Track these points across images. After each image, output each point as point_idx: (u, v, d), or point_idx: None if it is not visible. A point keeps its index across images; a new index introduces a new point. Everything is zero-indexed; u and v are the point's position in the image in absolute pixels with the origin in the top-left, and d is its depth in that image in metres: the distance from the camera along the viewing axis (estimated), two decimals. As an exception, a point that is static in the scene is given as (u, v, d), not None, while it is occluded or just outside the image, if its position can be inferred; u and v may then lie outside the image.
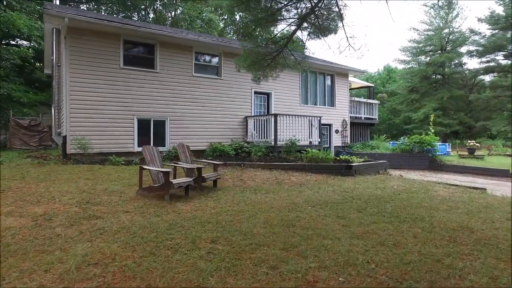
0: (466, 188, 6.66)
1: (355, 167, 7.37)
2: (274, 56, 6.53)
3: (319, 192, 5.74)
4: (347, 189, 6.04)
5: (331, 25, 6.33)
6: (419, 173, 11.69)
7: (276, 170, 7.67)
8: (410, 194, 5.69)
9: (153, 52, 9.60)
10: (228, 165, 8.17)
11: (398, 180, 7.15)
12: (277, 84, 12.02)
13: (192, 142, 10.10)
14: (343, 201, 5.17)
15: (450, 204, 5.01)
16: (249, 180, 6.78)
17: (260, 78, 7.43)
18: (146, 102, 9.39)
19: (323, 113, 13.43)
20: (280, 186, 6.25)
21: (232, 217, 4.22)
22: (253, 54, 6.30)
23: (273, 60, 6.70)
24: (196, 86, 10.26)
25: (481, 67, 29.89)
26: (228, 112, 10.85)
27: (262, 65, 6.80)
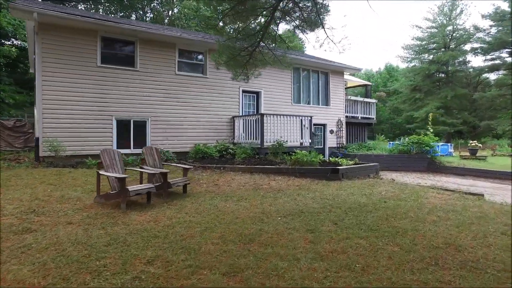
0: (461, 194, 6.08)
1: (342, 171, 6.83)
2: (251, 52, 6.03)
3: (296, 200, 5.22)
4: (329, 195, 5.51)
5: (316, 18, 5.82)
6: (417, 175, 11.08)
7: (258, 173, 7.16)
8: (397, 202, 5.14)
9: (133, 50, 9.16)
10: (207, 168, 7.69)
11: (388, 185, 6.59)
12: (267, 82, 11.51)
13: (175, 144, 9.65)
14: (321, 210, 4.65)
15: (439, 214, 4.45)
16: (224, 185, 6.29)
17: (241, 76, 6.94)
18: (126, 102, 8.95)
19: (317, 113, 12.89)
20: (256, 192, 5.74)
21: (186, 230, 3.73)
22: (227, 49, 5.80)
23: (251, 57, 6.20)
24: (179, 85, 9.80)
25: (486, 65, 29.00)
26: (214, 112, 10.37)
27: (240, 61, 6.31)
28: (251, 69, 6.66)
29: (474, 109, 30.24)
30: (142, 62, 9.21)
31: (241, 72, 6.71)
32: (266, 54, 6.06)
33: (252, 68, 6.61)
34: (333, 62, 13.46)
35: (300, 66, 12.45)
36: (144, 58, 9.23)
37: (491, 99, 26.27)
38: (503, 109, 25.93)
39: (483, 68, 29.23)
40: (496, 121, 25.73)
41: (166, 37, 9.35)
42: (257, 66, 6.54)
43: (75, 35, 8.19)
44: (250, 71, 6.75)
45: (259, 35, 5.58)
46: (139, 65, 9.15)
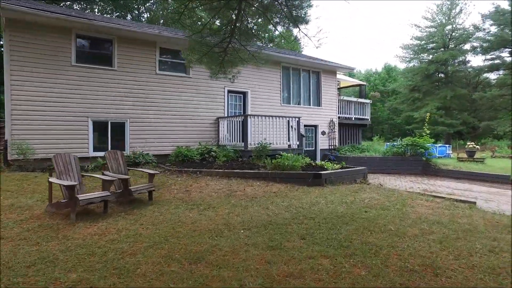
0: (452, 202, 5.62)
1: (324, 176, 6.38)
2: (225, 48, 5.61)
3: (268, 209, 4.78)
4: (306, 204, 5.07)
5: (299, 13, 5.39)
6: (410, 179, 10.61)
7: (236, 178, 6.73)
8: (379, 212, 4.69)
9: (110, 48, 8.75)
10: (184, 172, 7.26)
11: (374, 191, 6.14)
12: (255, 82, 11.09)
13: (155, 146, 9.23)
14: (292, 221, 4.21)
15: (423, 227, 4.00)
16: (196, 191, 5.85)
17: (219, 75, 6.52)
18: (103, 103, 8.54)
19: (308, 114, 12.46)
20: (227, 199, 5.30)
21: (131, 245, 3.30)
22: (197, 46, 5.37)
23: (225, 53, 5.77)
24: (160, 85, 9.38)
25: (486, 64, 28.47)
26: (198, 113, 9.95)
27: (215, 58, 5.89)
28: (229, 67, 6.24)
29: (474, 109, 29.70)
30: (120, 61, 8.80)
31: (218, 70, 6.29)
32: (241, 51, 5.63)
33: (229, 66, 6.18)
34: (325, 61, 13.03)
35: (289, 66, 12.02)
36: (122, 57, 8.82)
37: (491, 99, 25.72)
38: (504, 110, 25.39)
39: (482, 68, 28.71)
40: (496, 121, 25.19)
41: (145, 35, 8.95)
42: (234, 64, 6.12)
43: (47, 33, 7.79)
44: (228, 69, 6.32)
45: (229, 30, 5.15)
46: (117, 64, 8.74)
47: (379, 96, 28.95)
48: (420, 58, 34.44)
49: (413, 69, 33.64)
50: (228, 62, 6.03)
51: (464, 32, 31.09)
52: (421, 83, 32.59)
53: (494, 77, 29.89)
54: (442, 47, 32.10)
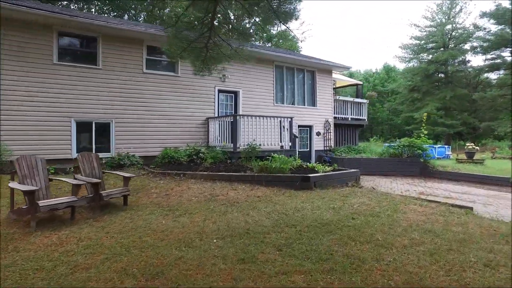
0: (447, 207, 5.28)
1: (313, 179, 6.05)
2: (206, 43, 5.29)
3: (249, 215, 4.45)
4: (290, 210, 4.74)
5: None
6: (407, 181, 10.26)
7: (220, 181, 6.40)
8: (367, 219, 4.36)
9: (95, 46, 8.45)
10: (167, 174, 6.94)
11: (365, 196, 5.80)
12: (246, 81, 10.77)
13: (142, 147, 8.92)
14: (271, 229, 3.88)
15: (413, 236, 3.67)
16: (176, 195, 5.53)
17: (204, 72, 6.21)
18: (87, 103, 8.23)
19: (302, 114, 12.13)
20: (206, 205, 4.98)
21: (87, 258, 2.98)
22: (175, 40, 5.06)
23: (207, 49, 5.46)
24: (147, 84, 9.07)
25: (486, 64, 28.10)
26: (187, 113, 9.63)
27: (197, 54, 5.59)
28: (212, 63, 5.92)
29: (474, 110, 29.33)
30: (106, 60, 8.49)
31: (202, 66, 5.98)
32: (222, 46, 5.31)
33: (212, 63, 5.87)
34: (320, 59, 12.70)
35: (283, 64, 11.70)
36: (108, 56, 8.52)
37: (492, 100, 25.35)
38: (504, 110, 25.00)
39: (482, 68, 28.33)
40: (497, 122, 24.80)
41: (132, 32, 8.64)
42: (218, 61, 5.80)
43: (27, 29, 7.49)
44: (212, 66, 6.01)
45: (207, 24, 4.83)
46: (102, 63, 8.44)
47: (376, 96, 28.58)
48: (419, 58, 34.11)
49: (413, 69, 33.30)
50: (211, 58, 5.72)
51: (464, 32, 30.75)
52: (421, 83, 32.24)
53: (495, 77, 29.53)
54: (442, 47, 31.76)
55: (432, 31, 32.89)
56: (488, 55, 28.17)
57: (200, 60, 5.79)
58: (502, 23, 26.45)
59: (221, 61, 5.82)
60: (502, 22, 26.32)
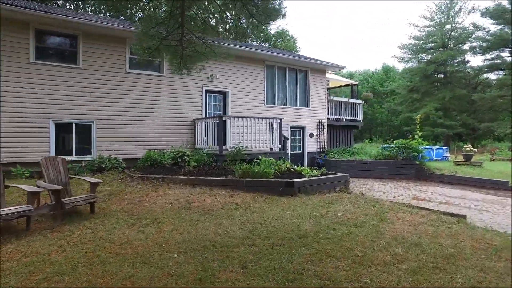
0: (439, 215, 4.93)
1: (298, 185, 5.70)
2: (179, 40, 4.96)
3: (221, 225, 4.11)
4: (268, 218, 4.39)
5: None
6: (402, 184, 9.91)
7: (200, 186, 6.06)
8: (350, 229, 4.01)
9: (75, 45, 8.12)
10: (146, 179, 6.60)
11: (352, 203, 5.45)
12: (235, 81, 10.43)
13: (125, 150, 8.58)
14: (242, 242, 3.54)
15: (396, 251, 3.32)
16: (150, 201, 5.19)
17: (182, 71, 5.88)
18: (66, 103, 7.90)
19: (294, 115, 11.79)
20: (179, 213, 4.64)
21: (23, 277, 2.66)
22: (144, 37, 4.73)
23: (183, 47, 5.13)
24: (131, 84, 8.74)
25: (485, 64, 27.73)
26: (173, 114, 9.29)
27: (173, 52, 5.26)
28: (190, 62, 5.59)
29: (474, 110, 28.94)
30: (86, 59, 8.16)
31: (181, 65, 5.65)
32: (196, 44, 4.98)
33: (190, 61, 5.53)
34: (313, 59, 12.37)
35: (274, 64, 11.36)
36: (89, 55, 8.19)
37: (491, 100, 24.96)
38: (504, 111, 24.62)
39: (482, 68, 27.97)
40: (497, 123, 24.42)
41: (114, 30, 8.32)
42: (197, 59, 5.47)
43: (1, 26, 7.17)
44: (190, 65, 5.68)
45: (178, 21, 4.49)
46: (83, 62, 8.11)
47: (371, 96, 28.24)
48: (418, 58, 33.76)
49: (412, 70, 32.96)
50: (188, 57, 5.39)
51: (464, 32, 30.41)
52: (420, 83, 31.89)
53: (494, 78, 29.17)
54: (441, 47, 31.40)
55: (431, 31, 32.55)
56: (487, 55, 27.82)
57: (178, 58, 5.48)
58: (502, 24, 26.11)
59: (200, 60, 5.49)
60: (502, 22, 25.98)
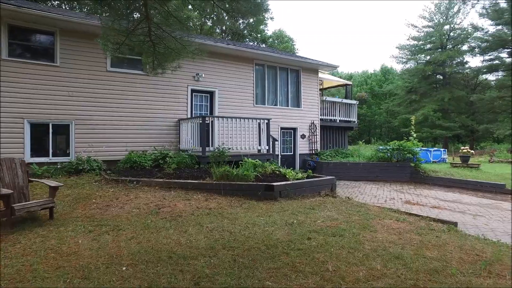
0: (428, 222, 4.56)
1: (279, 188, 5.34)
2: (147, 34, 4.62)
3: (186, 233, 3.74)
4: (239, 226, 4.03)
5: None
6: (395, 187, 9.53)
7: (176, 190, 5.70)
8: (327, 239, 3.64)
9: (52, 42, 7.79)
10: (121, 181, 6.23)
11: (336, 208, 5.08)
12: (223, 80, 10.08)
13: (105, 151, 8.22)
14: (203, 253, 3.17)
15: (374, 265, 2.95)
16: (118, 206, 4.83)
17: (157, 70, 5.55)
18: (43, 103, 7.56)
19: (285, 115, 11.44)
20: (145, 218, 4.27)
21: None
22: (107, 31, 4.39)
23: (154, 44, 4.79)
24: (112, 83, 8.40)
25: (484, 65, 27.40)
26: (157, 115, 8.94)
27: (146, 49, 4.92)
28: (165, 60, 5.25)
29: (473, 112, 28.58)
30: (64, 57, 7.83)
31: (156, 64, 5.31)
32: (166, 39, 4.63)
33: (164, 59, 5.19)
34: (305, 58, 12.03)
35: (264, 63, 11.02)
36: (67, 52, 7.86)
37: (490, 102, 24.60)
38: (503, 112, 24.24)
39: (480, 69, 27.63)
40: (496, 124, 24.04)
41: (93, 27, 7.99)
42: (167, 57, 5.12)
43: (-26, 22, 6.86)
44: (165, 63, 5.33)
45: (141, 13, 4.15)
46: (60, 60, 7.77)
47: (366, 97, 27.90)
48: (417, 59, 33.47)
49: (410, 70, 32.66)
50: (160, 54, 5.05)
51: (463, 32, 30.13)
52: (418, 84, 31.59)
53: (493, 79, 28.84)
54: (440, 48, 31.13)
55: (430, 31, 32.29)
56: (486, 56, 27.53)
57: (151, 56, 5.15)
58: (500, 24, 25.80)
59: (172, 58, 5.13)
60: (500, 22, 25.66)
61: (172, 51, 4.98)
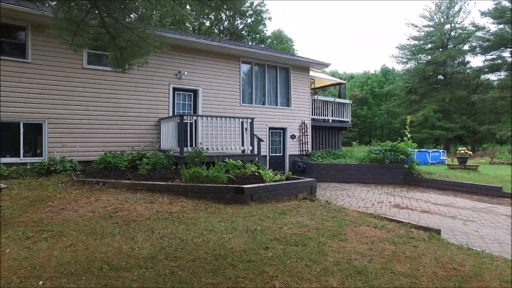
0: (409, 229, 4.13)
1: (250, 191, 4.94)
2: (100, 25, 4.27)
3: (133, 240, 3.36)
4: (194, 233, 3.63)
5: None
6: (387, 190, 9.09)
7: (143, 192, 5.32)
8: (288, 248, 3.23)
9: (23, 37, 7.48)
10: (87, 183, 5.87)
11: (309, 213, 4.67)
12: (207, 78, 9.72)
13: (81, 151, 7.88)
14: (140, 264, 2.78)
15: (329, 283, 2.53)
16: (73, 209, 4.45)
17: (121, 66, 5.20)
18: (12, 101, 7.23)
19: (274, 115, 11.05)
20: (96, 223, 3.89)
21: None
22: (58, 22, 4.04)
23: (111, 35, 4.44)
24: (89, 81, 8.07)
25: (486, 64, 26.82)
26: (136, 114, 8.59)
27: (107, 42, 4.58)
28: (130, 55, 4.89)
29: (474, 112, 27.96)
30: (36, 53, 7.51)
31: (117, 57, 4.96)
32: (122, 31, 4.27)
33: (129, 54, 4.83)
34: (295, 55, 11.64)
35: (252, 60, 10.64)
36: (39, 48, 7.54)
37: (492, 102, 23.99)
38: (505, 113, 23.62)
39: (482, 68, 27.04)
40: (497, 125, 23.42)
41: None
42: (132, 51, 4.76)
43: None
44: (129, 58, 4.97)
45: None
46: (32, 56, 7.46)
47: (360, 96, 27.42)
48: (417, 59, 32.93)
49: (410, 71, 32.12)
50: (122, 48, 4.70)
51: (464, 31, 29.56)
52: (419, 84, 31.03)
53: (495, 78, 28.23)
54: (441, 47, 30.57)
55: (431, 31, 31.76)
56: (487, 56, 26.97)
57: (114, 50, 4.80)
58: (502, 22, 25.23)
59: (134, 52, 4.77)
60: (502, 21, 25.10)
61: (133, 45, 4.63)
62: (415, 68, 31.14)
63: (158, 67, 8.86)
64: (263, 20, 33.59)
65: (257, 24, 33.29)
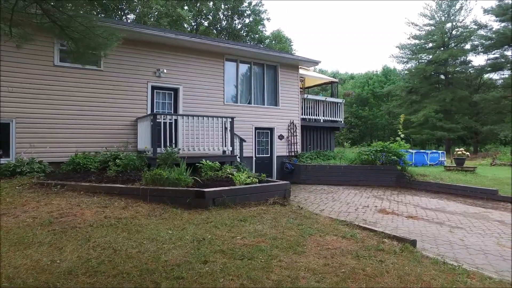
0: (381, 239, 3.69)
1: (211, 195, 4.52)
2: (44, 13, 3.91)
3: (63, 249, 2.96)
4: (136, 241, 3.23)
5: None
6: (377, 193, 8.60)
7: (100, 195, 4.94)
8: (231, 262, 2.81)
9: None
10: (46, 185, 5.50)
11: (273, 220, 4.23)
12: (189, 76, 9.33)
13: (52, 152, 7.52)
14: (53, 280, 2.38)
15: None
16: (15, 214, 4.06)
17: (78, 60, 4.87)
18: (-21, 99, 6.94)
19: (260, 115, 10.63)
20: (31, 230, 3.49)
21: None
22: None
23: (58, 24, 4.10)
24: (61, 79, 7.72)
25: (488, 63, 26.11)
26: (111, 113, 8.22)
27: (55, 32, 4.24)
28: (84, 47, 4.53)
29: (476, 112, 27.23)
30: (3, 49, 7.18)
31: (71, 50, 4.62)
32: (67, 21, 3.90)
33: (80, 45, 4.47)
34: (283, 52, 11.23)
35: (237, 58, 10.24)
36: (6, 44, 7.19)
37: (494, 102, 23.28)
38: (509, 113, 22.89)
39: (484, 67, 26.34)
40: (500, 126, 22.70)
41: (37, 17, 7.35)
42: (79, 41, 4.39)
43: None
44: (83, 50, 4.62)
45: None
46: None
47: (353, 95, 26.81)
48: (418, 58, 32.29)
49: (411, 70, 31.49)
50: (73, 39, 4.34)
51: (465, 30, 28.88)
52: (419, 84, 30.37)
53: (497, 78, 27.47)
54: (442, 46, 29.91)
55: (431, 30, 31.11)
56: (490, 54, 26.25)
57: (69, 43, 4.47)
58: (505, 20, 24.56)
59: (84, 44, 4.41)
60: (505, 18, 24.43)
61: (84, 37, 4.26)
62: (416, 68, 30.52)
63: (135, 64, 8.50)
64: (262, 20, 33.23)
65: (256, 24, 32.94)
